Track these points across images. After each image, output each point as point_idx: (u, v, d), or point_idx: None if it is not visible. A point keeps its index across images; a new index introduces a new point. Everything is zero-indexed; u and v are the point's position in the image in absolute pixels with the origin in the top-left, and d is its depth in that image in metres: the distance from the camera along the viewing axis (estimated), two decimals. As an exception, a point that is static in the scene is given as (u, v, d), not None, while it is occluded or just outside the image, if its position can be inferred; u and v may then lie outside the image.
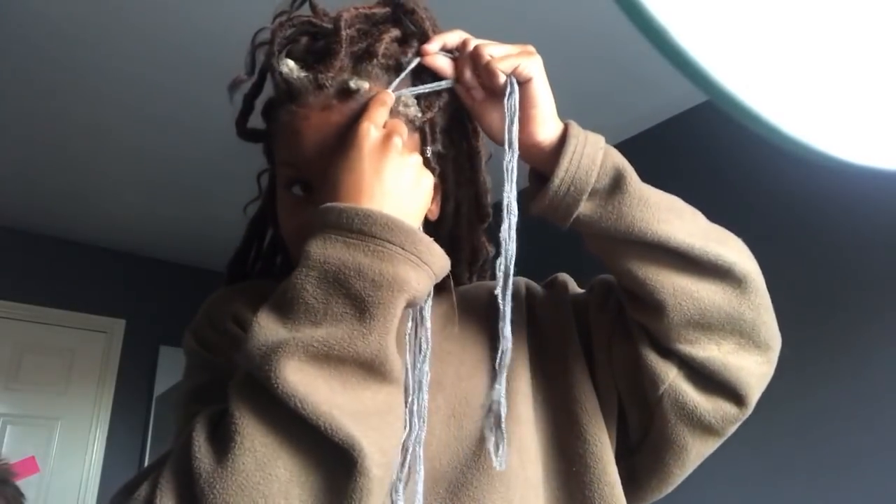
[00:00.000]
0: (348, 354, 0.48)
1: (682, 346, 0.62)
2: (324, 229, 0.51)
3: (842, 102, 0.34)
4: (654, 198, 0.61)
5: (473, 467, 0.63)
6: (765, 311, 0.63)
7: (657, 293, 0.61)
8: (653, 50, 0.28)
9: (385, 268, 0.50)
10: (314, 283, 0.49)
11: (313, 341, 0.47)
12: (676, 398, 0.63)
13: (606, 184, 0.62)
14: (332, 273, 0.49)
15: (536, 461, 0.67)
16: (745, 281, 0.61)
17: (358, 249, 0.50)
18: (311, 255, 0.50)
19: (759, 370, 0.64)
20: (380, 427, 0.48)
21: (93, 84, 2.29)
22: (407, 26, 0.65)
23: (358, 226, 0.50)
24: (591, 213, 0.62)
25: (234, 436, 0.45)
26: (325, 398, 0.46)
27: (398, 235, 0.51)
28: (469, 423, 0.65)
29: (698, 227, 0.63)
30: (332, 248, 0.50)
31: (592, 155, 0.62)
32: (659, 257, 0.61)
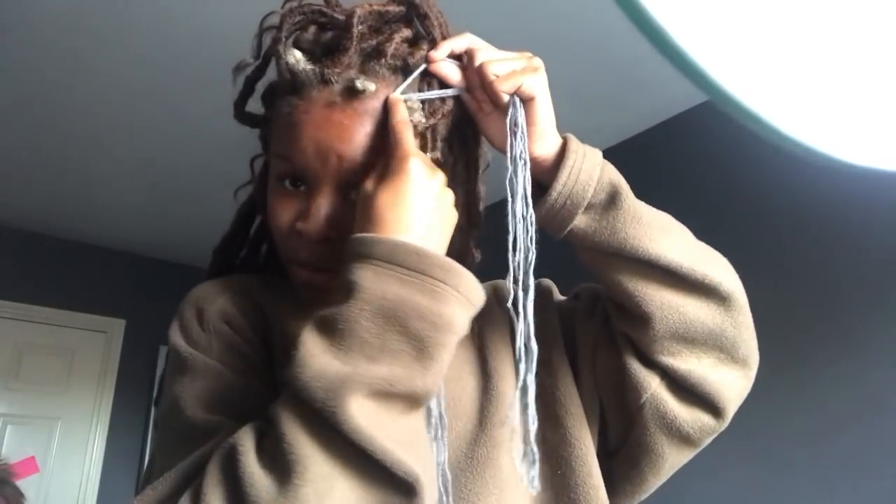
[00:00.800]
0: (407, 392, 0.48)
1: (665, 357, 0.64)
2: (373, 261, 0.50)
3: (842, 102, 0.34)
4: (647, 215, 0.63)
5: (466, 469, 0.63)
6: (746, 329, 0.65)
7: (645, 305, 0.63)
8: (653, 50, 0.28)
9: (443, 310, 0.50)
10: (369, 316, 0.49)
11: (377, 379, 0.47)
12: (657, 408, 0.65)
13: (602, 199, 0.63)
14: (390, 310, 0.49)
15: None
16: (729, 299, 0.64)
17: (415, 288, 0.50)
18: (366, 289, 0.49)
19: (737, 385, 0.66)
20: (424, 455, 0.50)
21: (94, 85, 2.29)
22: (418, 28, 0.64)
23: (414, 264, 0.50)
24: (586, 226, 0.64)
25: (294, 465, 0.44)
26: (385, 433, 0.47)
27: (453, 277, 0.51)
28: (458, 424, 0.65)
29: (687, 245, 0.65)
30: (388, 284, 0.50)
31: (590, 170, 0.63)
32: (648, 273, 0.63)
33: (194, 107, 2.36)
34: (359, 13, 0.62)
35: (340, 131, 0.58)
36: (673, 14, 0.27)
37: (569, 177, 0.62)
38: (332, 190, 0.61)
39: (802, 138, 0.32)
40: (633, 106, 2.40)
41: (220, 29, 1.96)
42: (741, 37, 0.30)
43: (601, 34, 2.00)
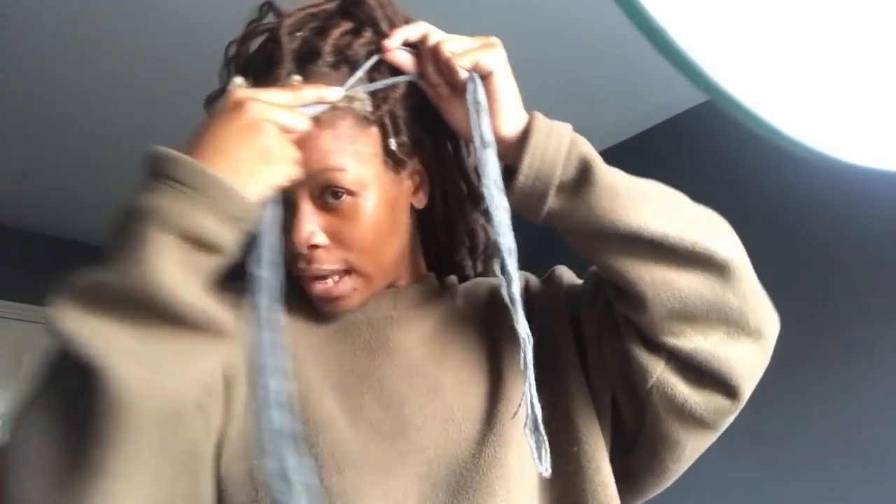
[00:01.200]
0: (115, 292, 0.48)
1: (668, 338, 0.60)
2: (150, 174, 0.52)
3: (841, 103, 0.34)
4: (624, 186, 0.59)
5: (473, 470, 0.62)
6: (751, 297, 0.61)
7: (636, 286, 0.59)
8: (653, 50, 0.28)
9: (147, 202, 0.49)
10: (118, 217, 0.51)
11: (82, 282, 0.49)
12: (665, 392, 0.62)
13: (572, 176, 0.59)
14: (117, 216, 0.50)
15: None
16: (727, 267, 0.59)
17: (149, 192, 0.50)
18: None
19: (751, 359, 0.62)
20: (160, 366, 0.48)
21: (92, 84, 2.29)
22: (357, 16, 0.64)
23: (149, 167, 0.50)
24: (561, 207, 0.60)
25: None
26: (98, 336, 0.47)
27: (169, 167, 0.50)
28: (468, 426, 0.64)
29: (677, 213, 0.61)
30: (137, 188, 0.51)
31: (556, 147, 0.59)
32: (634, 248, 0.59)
33: (195, 107, 2.35)
34: (287, 22, 0.62)
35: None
36: (673, 14, 0.27)
37: (534, 157, 0.59)
38: (307, 199, 0.61)
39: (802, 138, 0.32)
40: (633, 106, 2.40)
41: (222, 26, 1.95)
42: (741, 37, 0.30)
43: (601, 34, 2.00)
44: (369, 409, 0.64)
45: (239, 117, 0.53)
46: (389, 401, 0.64)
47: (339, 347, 0.68)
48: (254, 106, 0.53)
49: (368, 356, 0.67)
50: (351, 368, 0.66)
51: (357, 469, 0.60)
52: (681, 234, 0.58)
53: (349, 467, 0.60)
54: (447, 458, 0.62)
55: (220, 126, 0.53)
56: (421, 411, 0.64)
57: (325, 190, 0.61)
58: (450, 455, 0.63)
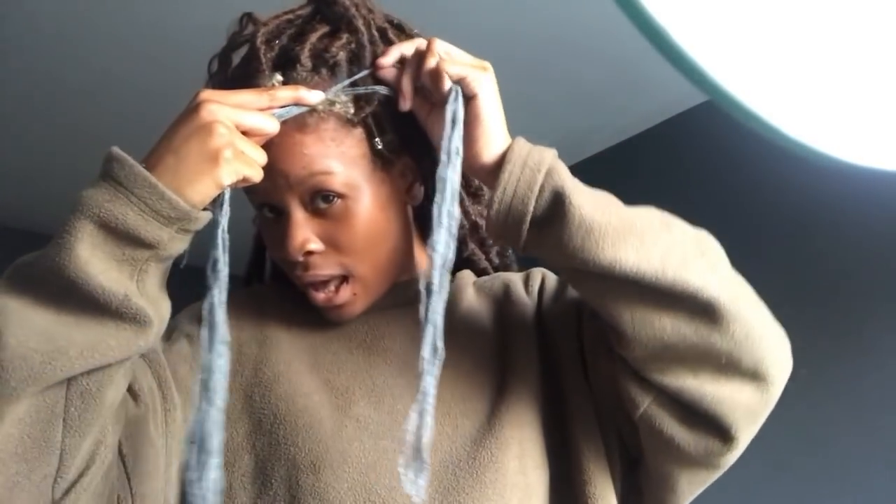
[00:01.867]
0: (35, 270, 0.50)
1: (654, 374, 0.58)
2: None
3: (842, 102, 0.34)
4: (599, 220, 0.55)
5: (466, 470, 0.61)
6: (745, 339, 0.56)
7: (616, 323, 0.57)
8: (653, 50, 0.28)
9: (80, 193, 0.51)
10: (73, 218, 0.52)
11: (17, 261, 0.51)
12: (652, 426, 0.59)
13: (544, 210, 0.57)
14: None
15: (542, 465, 0.65)
16: (713, 308, 0.55)
17: (86, 188, 0.52)
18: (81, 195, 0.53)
19: (747, 400, 0.58)
20: (65, 344, 0.49)
21: (92, 85, 2.29)
22: (333, 19, 0.64)
23: (101, 166, 0.53)
24: (537, 242, 0.58)
25: None
26: (11, 307, 0.49)
27: (107, 165, 0.52)
28: (465, 422, 0.64)
29: (660, 248, 0.56)
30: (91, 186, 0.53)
31: (529, 180, 0.57)
32: (612, 285, 0.56)
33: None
34: (262, 31, 0.62)
35: (275, 150, 0.58)
36: (673, 14, 0.27)
37: (504, 192, 0.57)
38: (298, 206, 0.62)
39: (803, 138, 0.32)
40: (633, 106, 2.40)
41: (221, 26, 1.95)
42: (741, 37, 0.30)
43: (601, 34, 2.00)
44: (358, 407, 0.64)
45: (194, 118, 0.53)
46: (381, 398, 0.64)
47: (336, 346, 0.68)
48: (209, 107, 0.53)
49: (364, 353, 0.67)
50: (345, 366, 0.67)
51: (333, 469, 0.60)
52: (660, 271, 0.54)
53: (325, 468, 0.60)
54: (440, 454, 0.62)
55: (176, 126, 0.54)
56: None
57: (314, 195, 0.61)
58: (443, 450, 0.62)
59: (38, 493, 0.49)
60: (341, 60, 0.62)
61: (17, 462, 0.48)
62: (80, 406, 0.50)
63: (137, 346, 0.52)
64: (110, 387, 0.52)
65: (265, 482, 0.61)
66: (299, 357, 0.67)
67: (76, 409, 0.50)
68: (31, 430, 0.48)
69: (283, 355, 0.67)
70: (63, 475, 0.50)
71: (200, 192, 0.53)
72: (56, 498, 0.50)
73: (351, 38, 0.62)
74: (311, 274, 0.63)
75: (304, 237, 0.61)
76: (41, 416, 0.49)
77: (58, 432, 0.49)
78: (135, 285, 0.51)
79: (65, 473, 0.50)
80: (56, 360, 0.48)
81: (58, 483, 0.50)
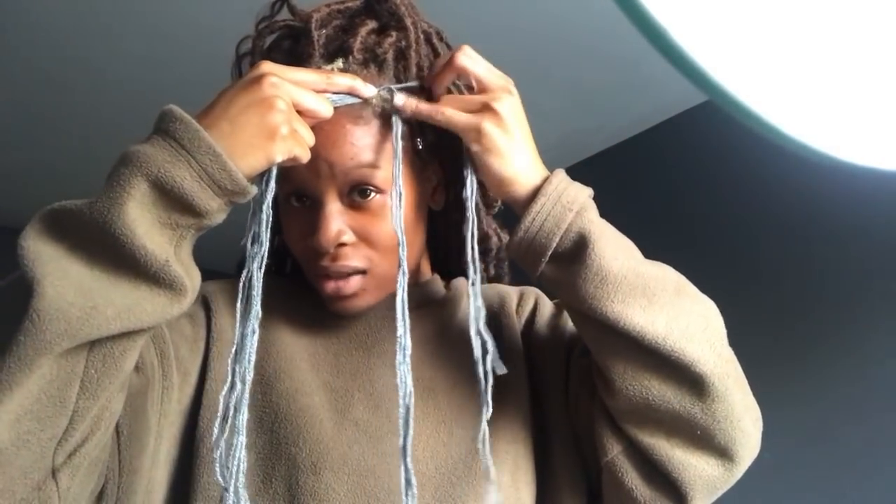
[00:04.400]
0: (77, 219, 0.48)
1: (630, 427, 0.59)
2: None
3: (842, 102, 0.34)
4: (616, 273, 0.56)
5: (463, 479, 0.62)
6: (723, 418, 0.57)
7: (607, 371, 0.58)
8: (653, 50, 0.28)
9: (136, 148, 0.50)
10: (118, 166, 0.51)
11: (55, 206, 0.49)
12: (616, 474, 0.60)
13: (568, 249, 0.58)
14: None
15: (531, 483, 0.66)
16: (702, 383, 0.56)
17: (141, 143, 0.51)
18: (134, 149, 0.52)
19: (708, 472, 0.59)
20: (102, 303, 0.47)
21: (92, 85, 2.29)
22: (382, 15, 0.64)
23: (156, 123, 0.52)
24: (553, 275, 0.59)
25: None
26: (48, 255, 0.47)
27: (169, 123, 0.51)
28: (460, 430, 0.64)
29: (669, 312, 0.57)
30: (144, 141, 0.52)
31: (559, 217, 0.57)
32: (613, 338, 0.57)
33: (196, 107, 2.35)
34: (316, 17, 0.62)
35: (323, 138, 0.58)
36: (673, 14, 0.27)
37: (532, 222, 0.58)
38: (335, 197, 0.61)
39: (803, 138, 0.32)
40: (633, 106, 2.40)
41: (223, 24, 1.95)
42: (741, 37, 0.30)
43: (601, 34, 2.00)
44: (357, 410, 0.64)
45: (254, 90, 0.53)
46: (379, 401, 0.64)
47: (337, 347, 0.68)
48: (271, 80, 0.53)
49: (364, 355, 0.67)
50: (345, 368, 0.67)
51: (334, 471, 0.60)
52: (661, 338, 0.55)
53: (325, 469, 0.60)
54: (435, 460, 0.62)
55: (235, 94, 0.53)
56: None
57: (354, 187, 0.61)
58: (439, 457, 0.62)
59: (40, 455, 0.47)
60: (389, 58, 0.62)
61: (31, 420, 0.46)
62: (100, 369, 0.48)
63: (171, 313, 0.51)
64: (132, 353, 0.51)
65: (265, 480, 0.61)
66: (300, 355, 0.67)
67: (96, 372, 0.48)
68: (49, 388, 0.46)
69: (284, 351, 0.66)
70: (68, 437, 0.48)
71: (251, 165, 0.52)
72: (56, 464, 0.48)
73: (400, 35, 0.63)
74: (340, 265, 0.62)
75: (339, 228, 0.61)
76: (61, 375, 0.47)
77: (73, 394, 0.48)
78: (173, 251, 0.50)
79: (70, 436, 0.48)
80: (93, 319, 0.46)
81: (61, 446, 0.48)
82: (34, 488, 0.46)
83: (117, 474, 0.54)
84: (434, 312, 0.71)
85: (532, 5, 1.92)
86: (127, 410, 0.55)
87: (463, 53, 0.60)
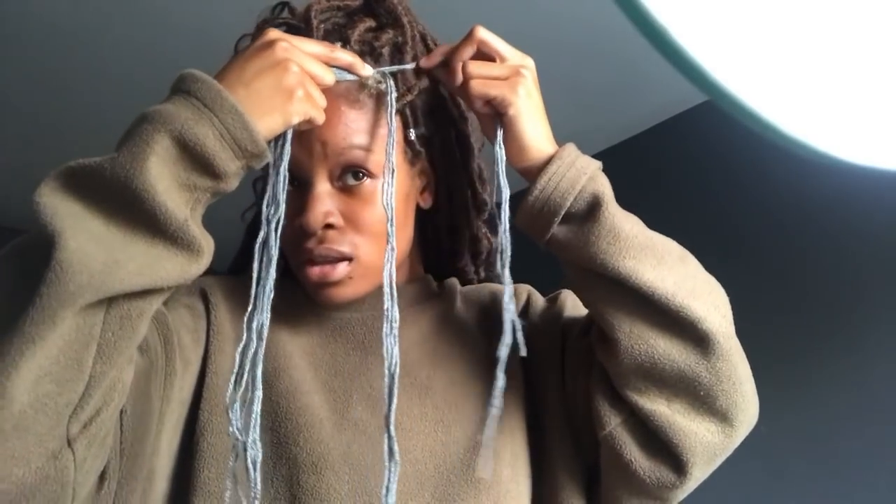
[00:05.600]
0: (98, 175, 0.48)
1: (631, 392, 0.59)
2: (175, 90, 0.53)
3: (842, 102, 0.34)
4: (628, 232, 0.59)
5: (462, 477, 0.62)
6: (726, 379, 0.58)
7: (613, 331, 0.58)
8: (653, 50, 0.28)
9: (157, 107, 0.50)
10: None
11: (72, 163, 0.49)
12: (614, 447, 0.60)
13: (581, 209, 0.59)
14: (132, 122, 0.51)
15: (528, 475, 0.66)
16: (708, 341, 0.57)
17: (161, 103, 0.51)
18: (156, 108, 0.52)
19: (709, 440, 0.59)
20: (123, 258, 0.46)
21: (92, 85, 2.29)
22: (380, 14, 0.65)
23: (174, 85, 0.52)
24: (563, 236, 0.60)
25: None
26: (66, 211, 0.46)
27: (190, 83, 0.51)
28: (457, 429, 0.64)
29: (675, 273, 0.59)
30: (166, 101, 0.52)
31: (573, 179, 0.59)
32: (621, 294, 0.58)
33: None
34: (315, 8, 0.64)
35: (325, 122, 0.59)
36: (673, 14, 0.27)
37: (548, 182, 0.59)
38: (325, 179, 0.62)
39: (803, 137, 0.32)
40: (633, 106, 2.40)
41: (222, 27, 1.95)
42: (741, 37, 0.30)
43: (601, 34, 2.00)
44: (356, 410, 0.64)
45: (267, 54, 0.53)
46: (377, 401, 0.65)
47: (334, 347, 0.68)
48: (284, 45, 0.54)
49: (361, 355, 0.67)
50: (343, 368, 0.67)
51: (335, 471, 0.60)
52: (670, 294, 0.57)
53: (327, 468, 0.60)
54: (434, 460, 0.62)
55: (247, 60, 0.54)
56: (409, 413, 0.64)
57: (346, 170, 0.62)
58: (437, 456, 0.63)
59: (56, 422, 0.45)
60: (386, 53, 0.64)
61: (50, 382, 0.44)
62: (116, 331, 0.47)
63: (189, 273, 0.51)
64: (147, 316, 0.50)
65: (266, 480, 0.61)
66: (298, 353, 0.67)
67: (112, 335, 0.47)
68: (68, 349, 0.45)
69: (283, 350, 0.66)
70: (83, 405, 0.47)
71: (269, 127, 0.53)
72: (72, 433, 0.47)
73: (396, 33, 0.64)
74: (325, 247, 0.62)
75: (327, 209, 0.62)
76: (79, 336, 0.45)
77: (90, 357, 0.46)
78: (189, 214, 0.50)
79: (85, 404, 0.47)
80: (115, 272, 0.45)
81: (76, 414, 0.47)
82: (50, 457, 0.45)
83: (118, 456, 0.53)
84: (428, 310, 0.71)
85: (532, 5, 1.92)
86: (132, 391, 0.54)
87: (481, 27, 0.61)
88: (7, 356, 0.43)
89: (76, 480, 0.47)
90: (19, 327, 0.43)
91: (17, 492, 0.43)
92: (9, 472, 0.43)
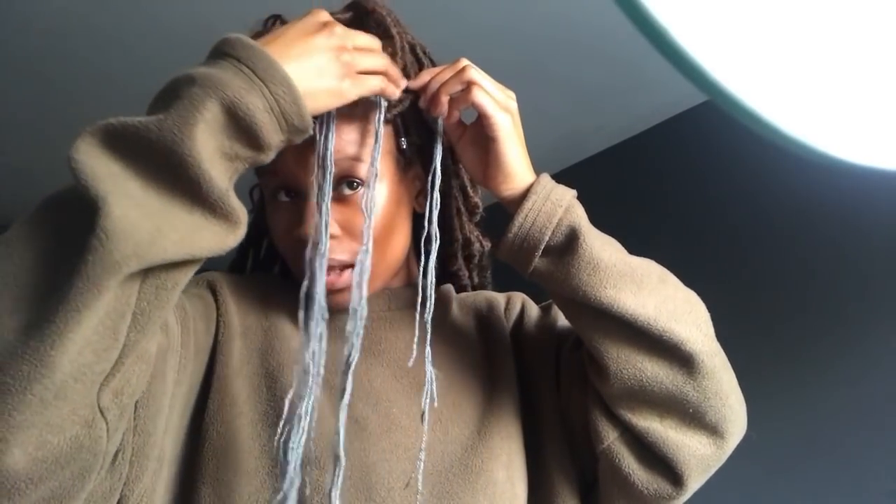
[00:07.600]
0: (140, 136, 0.46)
1: (625, 412, 0.62)
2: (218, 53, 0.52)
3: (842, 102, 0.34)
4: (607, 261, 0.60)
5: (459, 476, 0.63)
6: (714, 395, 0.60)
7: (601, 358, 0.61)
8: (653, 50, 0.28)
9: (205, 70, 0.49)
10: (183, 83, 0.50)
11: (111, 121, 0.47)
12: (613, 460, 0.63)
13: (560, 242, 0.61)
14: (170, 83, 0.50)
15: (524, 479, 0.67)
16: (693, 361, 0.59)
17: (207, 66, 0.50)
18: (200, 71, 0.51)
19: (701, 451, 0.62)
20: (166, 227, 0.45)
21: (92, 85, 2.29)
22: (370, 27, 0.66)
23: (218, 49, 0.51)
24: (545, 269, 0.62)
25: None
26: (107, 172, 0.45)
27: (240, 50, 0.50)
28: (455, 428, 0.66)
29: (657, 296, 0.61)
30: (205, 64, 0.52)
31: (550, 213, 0.61)
32: (605, 323, 0.60)
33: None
34: None
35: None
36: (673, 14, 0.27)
37: (525, 218, 0.61)
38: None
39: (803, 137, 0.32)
40: (633, 106, 2.40)
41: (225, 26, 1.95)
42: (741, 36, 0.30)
43: (601, 34, 2.00)
44: (357, 408, 0.65)
45: (326, 35, 0.54)
46: (377, 400, 0.66)
47: (334, 347, 0.68)
48: (341, 30, 0.55)
49: (361, 355, 0.68)
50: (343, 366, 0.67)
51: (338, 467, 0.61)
52: (652, 319, 0.59)
53: (330, 464, 0.61)
54: (433, 458, 0.63)
55: (302, 37, 0.53)
56: (408, 412, 0.65)
57: (341, 180, 0.63)
58: (436, 454, 0.64)
59: (89, 390, 0.44)
60: None
61: (90, 353, 0.43)
62: (151, 301, 0.46)
63: (227, 244, 0.49)
64: (180, 287, 0.49)
65: (270, 474, 0.61)
66: (300, 350, 0.67)
67: (147, 305, 0.46)
68: (107, 319, 0.44)
69: (287, 346, 0.67)
70: (115, 373, 0.46)
71: (318, 103, 0.54)
72: (104, 403, 0.46)
73: (386, 44, 0.65)
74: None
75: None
76: (118, 305, 0.44)
77: (125, 326, 0.45)
78: (229, 183, 0.49)
79: (116, 372, 0.46)
80: (159, 241, 0.44)
81: (107, 382, 0.46)
82: (84, 425, 0.44)
83: (132, 433, 0.53)
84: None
85: (532, 5, 1.92)
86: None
87: (472, 67, 0.63)
88: (52, 325, 0.42)
89: (107, 450, 0.47)
90: (64, 296, 0.42)
91: (52, 460, 0.42)
92: (45, 440, 0.42)
